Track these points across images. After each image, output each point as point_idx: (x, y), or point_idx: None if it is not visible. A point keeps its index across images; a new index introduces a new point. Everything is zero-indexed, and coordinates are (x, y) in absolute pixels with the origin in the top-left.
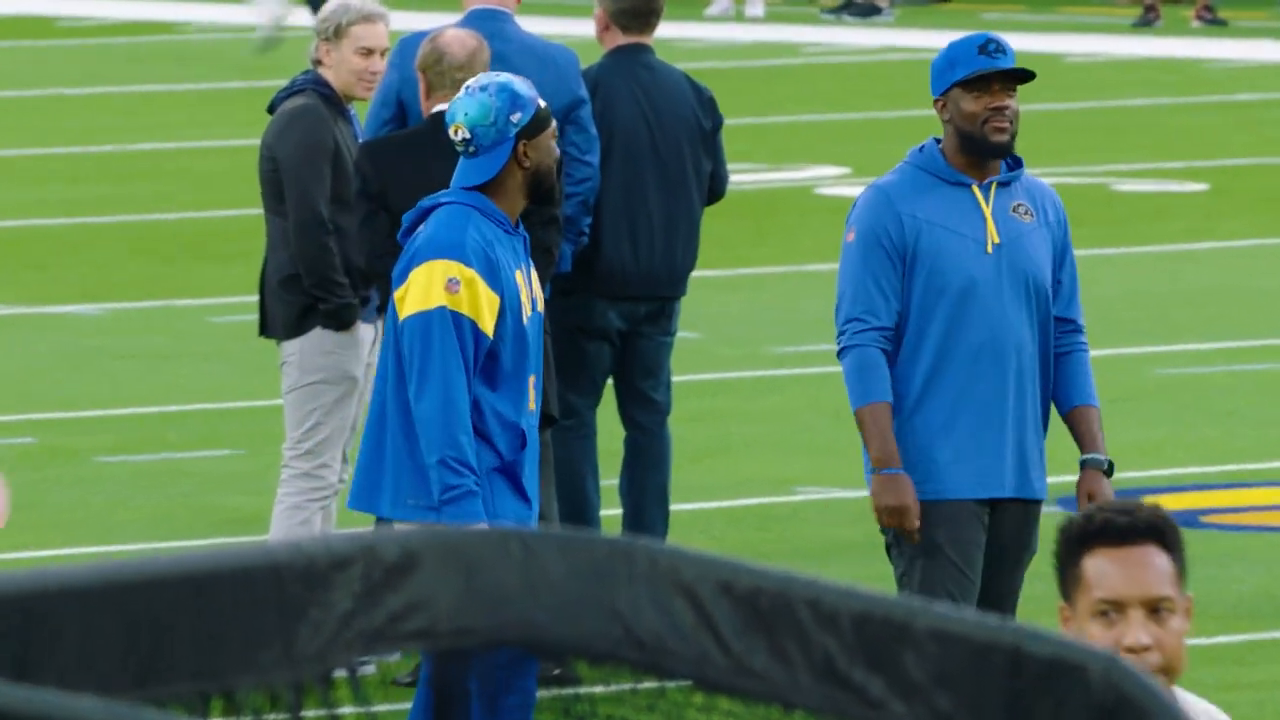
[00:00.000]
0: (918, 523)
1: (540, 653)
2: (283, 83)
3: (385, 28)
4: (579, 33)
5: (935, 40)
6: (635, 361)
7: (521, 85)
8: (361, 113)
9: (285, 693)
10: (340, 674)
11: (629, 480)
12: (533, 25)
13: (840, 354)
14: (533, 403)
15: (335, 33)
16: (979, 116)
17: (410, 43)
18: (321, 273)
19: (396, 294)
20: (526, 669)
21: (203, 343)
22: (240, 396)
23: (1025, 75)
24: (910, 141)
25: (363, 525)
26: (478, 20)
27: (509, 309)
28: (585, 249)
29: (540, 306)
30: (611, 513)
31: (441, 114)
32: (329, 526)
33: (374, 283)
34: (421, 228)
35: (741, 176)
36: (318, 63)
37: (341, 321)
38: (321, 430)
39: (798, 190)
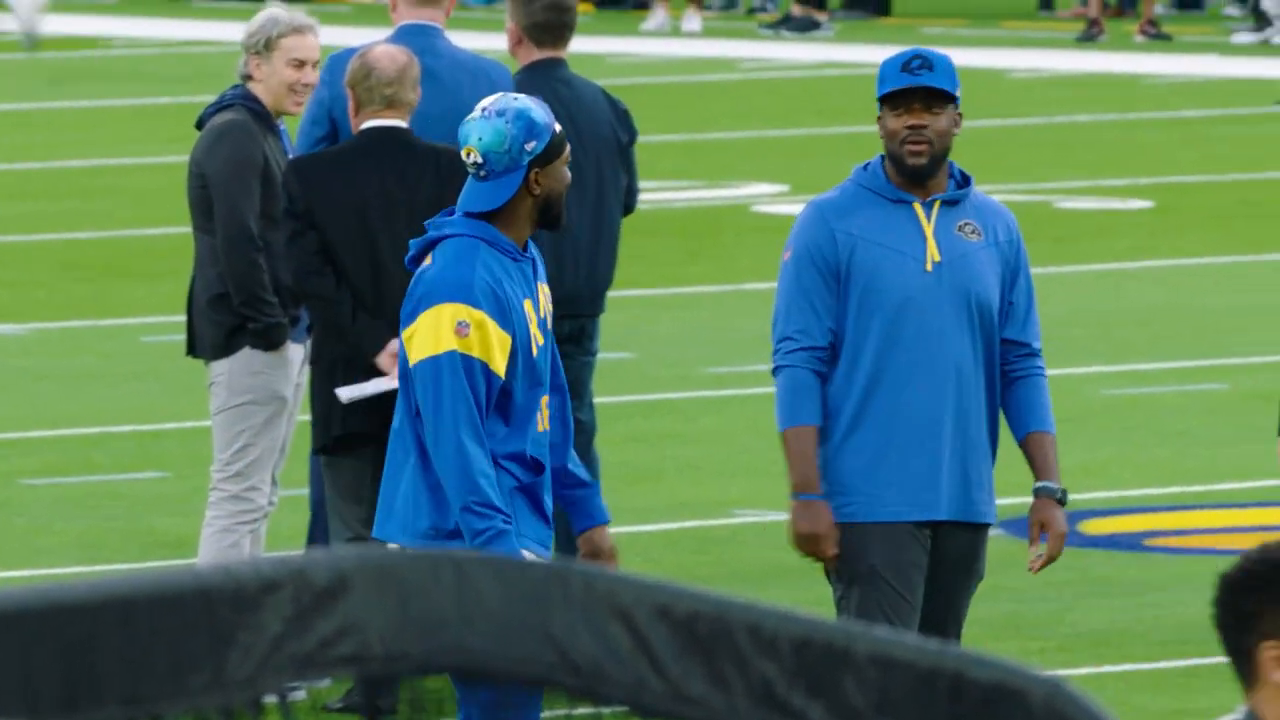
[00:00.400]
0: (834, 550)
1: (474, 678)
2: (211, 98)
3: (316, 39)
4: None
5: (874, 55)
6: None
7: (539, 112)
8: (291, 128)
9: (215, 718)
10: (270, 699)
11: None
12: (465, 40)
13: (774, 373)
14: (546, 423)
15: (265, 46)
16: (898, 135)
17: (340, 59)
18: (250, 290)
19: (404, 333)
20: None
21: (131, 363)
22: (169, 418)
23: (943, 95)
24: (849, 158)
25: (293, 547)
26: (408, 35)
27: (519, 346)
28: None
29: (550, 325)
30: None
31: (371, 130)
32: (258, 550)
33: (302, 302)
34: (428, 262)
35: (677, 194)
36: (247, 78)
37: (270, 341)
38: (251, 452)
39: (734, 208)
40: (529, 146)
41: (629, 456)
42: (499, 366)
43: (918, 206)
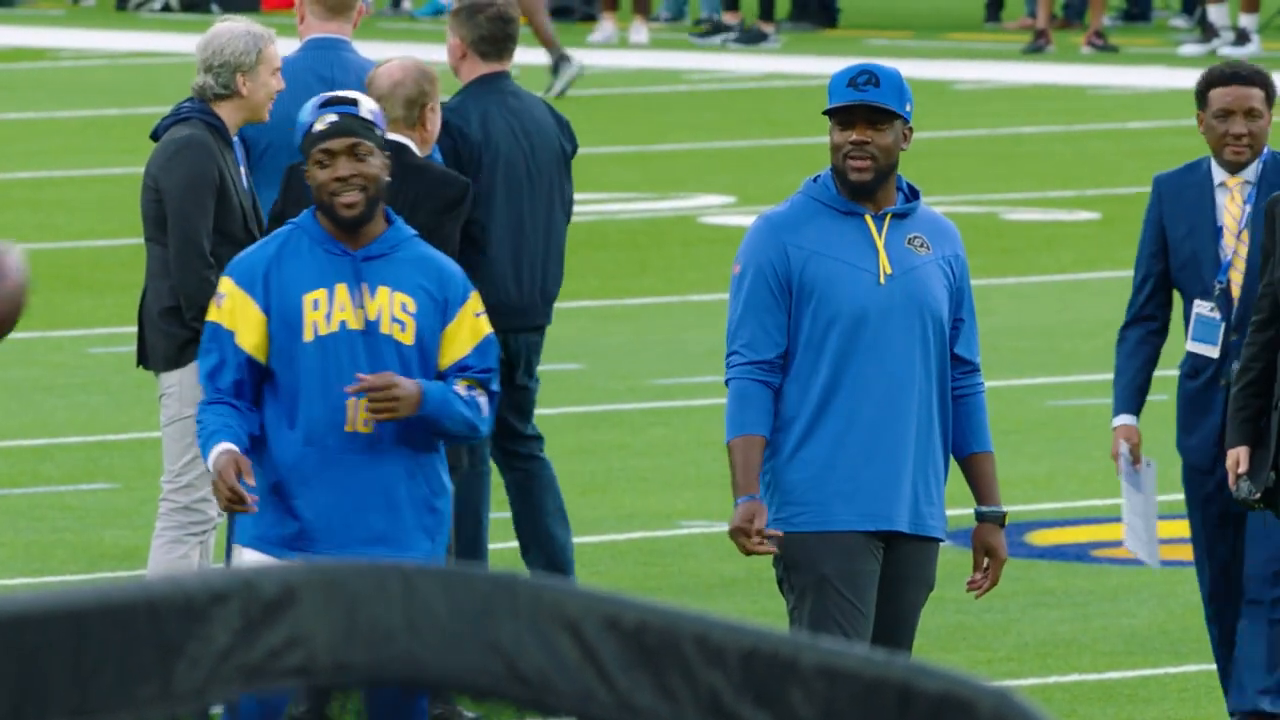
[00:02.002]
0: (760, 546)
1: (422, 689)
2: (161, 110)
3: None
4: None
5: (821, 67)
6: (511, 407)
7: (304, 109)
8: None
9: None
10: (218, 710)
11: (526, 510)
12: (411, 52)
13: (726, 385)
14: (357, 424)
15: (257, 60)
16: (841, 150)
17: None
18: (201, 304)
19: None
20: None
21: (80, 374)
22: (118, 429)
23: (884, 112)
24: (797, 169)
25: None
26: (315, 49)
27: (283, 324)
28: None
29: (394, 330)
30: (496, 547)
31: None
32: (207, 561)
33: None
34: None
35: (625, 205)
36: (219, 96)
37: None
38: (200, 463)
39: (682, 220)
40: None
41: (576, 467)
42: (243, 339)
43: (869, 220)
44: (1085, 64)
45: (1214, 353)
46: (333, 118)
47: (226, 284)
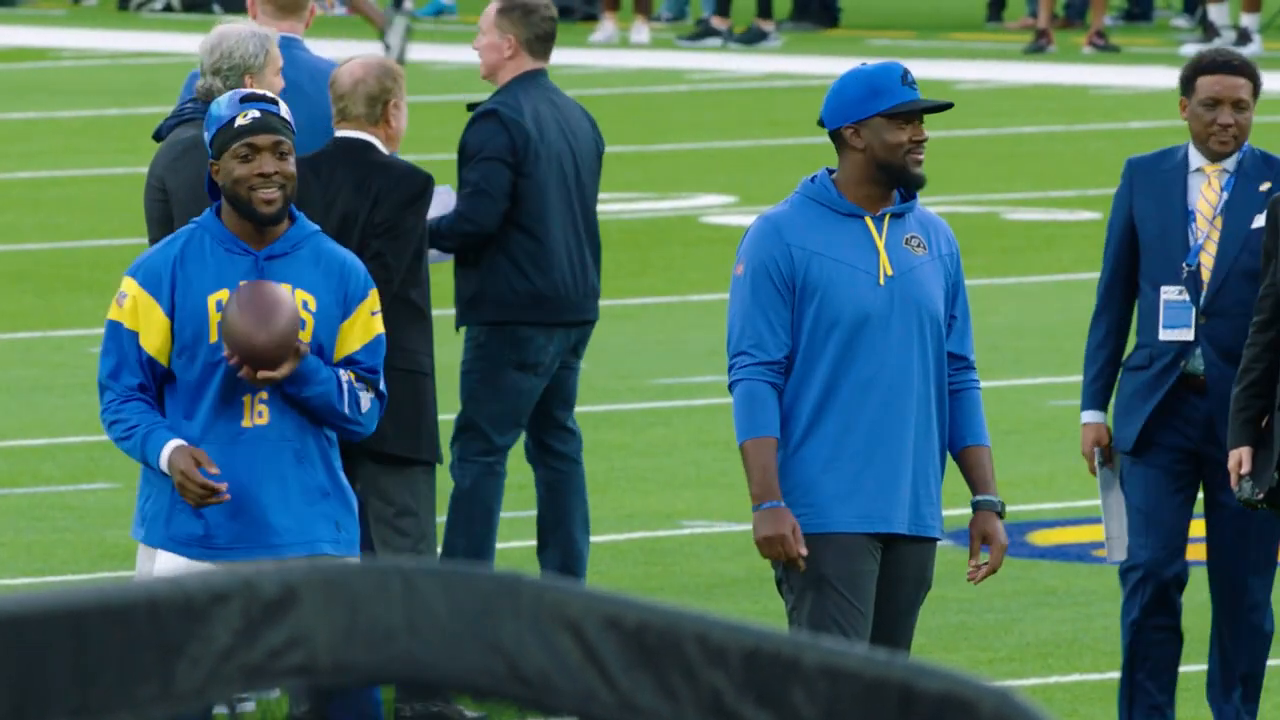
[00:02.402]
0: (800, 549)
1: (423, 689)
2: (163, 109)
3: None
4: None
5: (821, 67)
6: (556, 393)
7: (218, 103)
8: None
9: None
10: (220, 710)
11: (552, 512)
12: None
13: (730, 387)
14: (249, 419)
15: (266, 59)
16: (903, 148)
17: (196, 76)
18: None
19: None
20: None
21: (80, 374)
22: None
23: (944, 108)
24: (798, 169)
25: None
26: None
27: (190, 329)
28: (526, 277)
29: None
30: (505, 546)
31: (332, 139)
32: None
33: None
34: None
35: (626, 205)
36: None
37: None
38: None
39: (683, 219)
40: (205, 136)
41: None
42: (149, 342)
43: (869, 220)
44: (1087, 64)
45: (1189, 335)
46: (256, 113)
47: (130, 285)
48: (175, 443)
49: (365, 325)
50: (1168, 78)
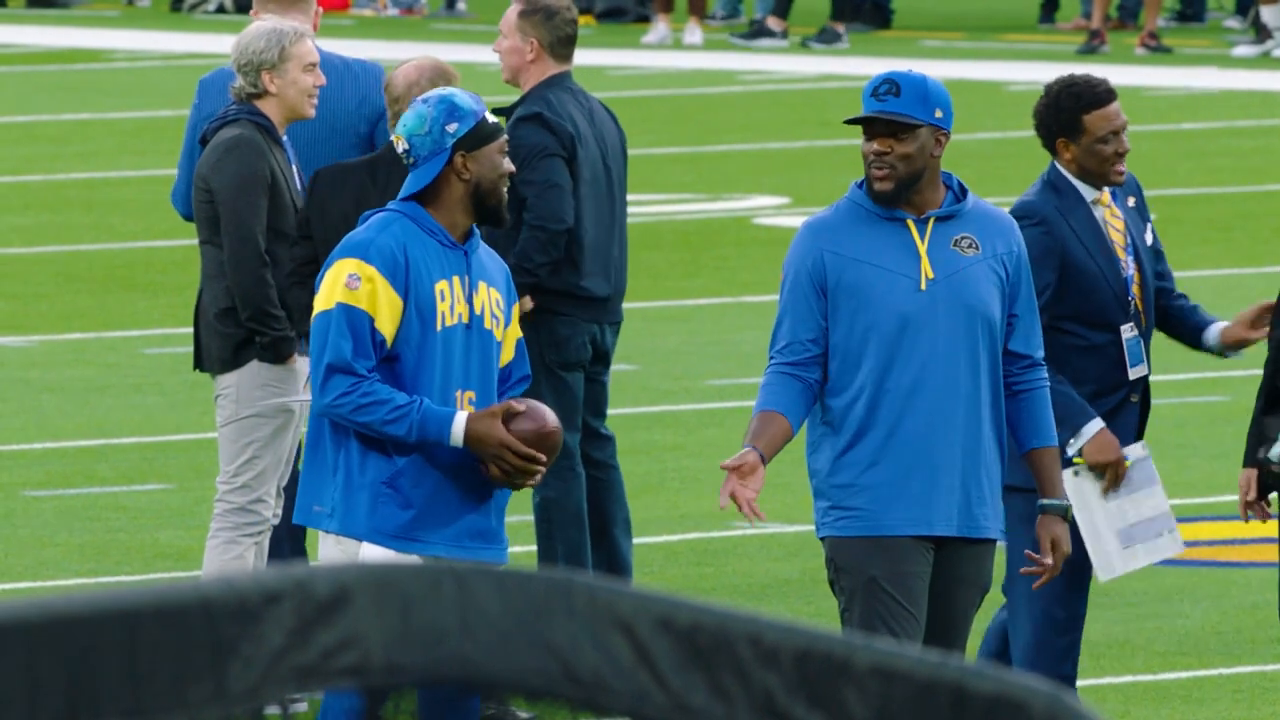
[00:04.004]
0: (749, 484)
1: (476, 690)
2: (214, 111)
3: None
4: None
5: (874, 68)
6: (590, 399)
7: (463, 97)
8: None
9: None
10: (272, 711)
11: (596, 519)
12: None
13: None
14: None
15: (280, 57)
16: (866, 159)
17: (208, 81)
18: (258, 305)
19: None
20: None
21: (135, 375)
22: (173, 430)
23: (894, 133)
24: (850, 171)
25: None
26: None
27: (417, 315)
28: (562, 278)
29: (491, 326)
30: (524, 549)
31: (388, 143)
32: (262, 562)
33: (285, 312)
34: None
35: (679, 207)
36: (252, 96)
37: (279, 354)
38: (257, 464)
39: (736, 220)
40: (450, 128)
41: (631, 468)
42: (384, 325)
43: (911, 224)
44: (1139, 65)
45: (1146, 370)
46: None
47: (363, 267)
48: (465, 412)
49: (516, 330)
50: (1220, 79)
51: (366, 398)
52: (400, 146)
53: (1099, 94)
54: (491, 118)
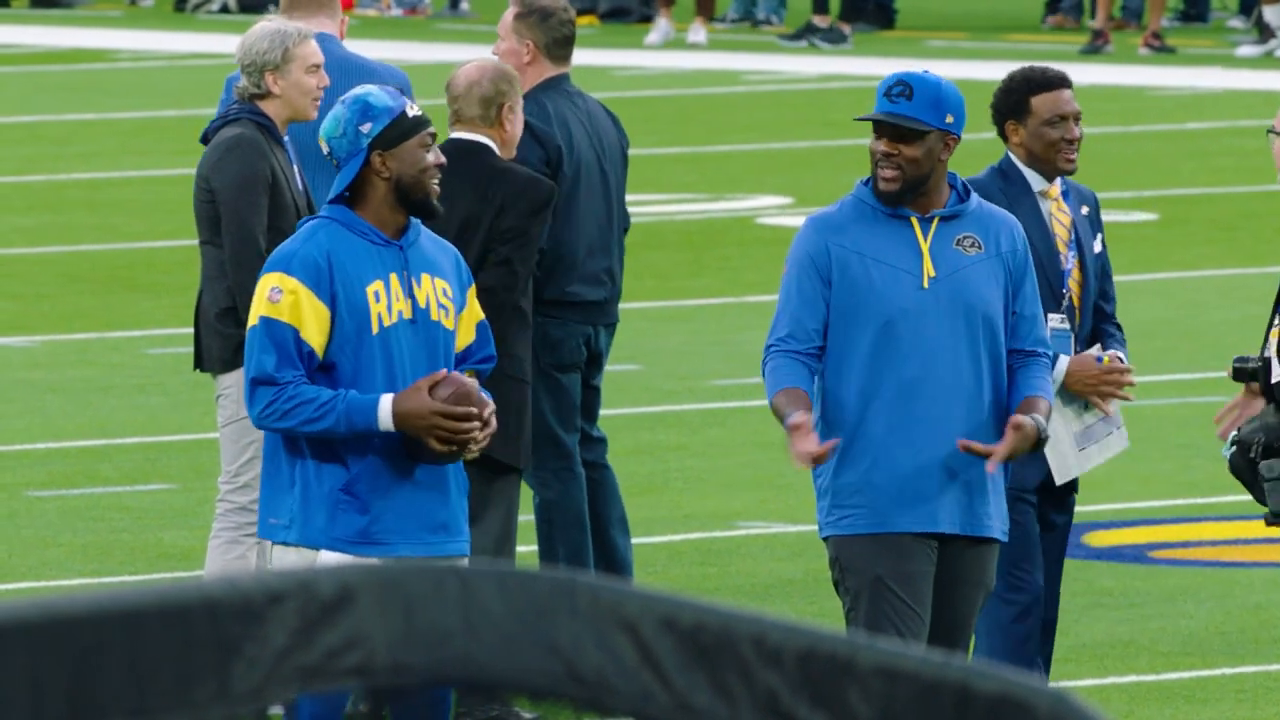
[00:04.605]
0: (811, 444)
1: (480, 690)
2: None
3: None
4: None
5: (877, 68)
6: (581, 400)
7: (378, 96)
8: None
9: None
10: (276, 711)
11: (591, 519)
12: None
13: (763, 373)
14: None
15: (284, 58)
16: (874, 157)
17: (235, 79)
18: None
19: None
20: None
21: (137, 375)
22: (175, 430)
23: (903, 136)
24: (853, 170)
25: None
26: None
27: (350, 320)
28: (555, 283)
29: (439, 316)
30: (527, 549)
31: (447, 141)
32: (265, 562)
33: None
34: None
35: (682, 206)
36: (255, 96)
37: None
38: (258, 464)
39: (739, 220)
40: (364, 129)
41: (634, 468)
42: (310, 335)
43: (915, 222)
44: (1143, 65)
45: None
46: (417, 107)
47: (285, 279)
48: (389, 395)
49: (475, 311)
50: (1223, 79)
51: (290, 402)
52: (324, 150)
53: (1049, 78)
54: (414, 112)
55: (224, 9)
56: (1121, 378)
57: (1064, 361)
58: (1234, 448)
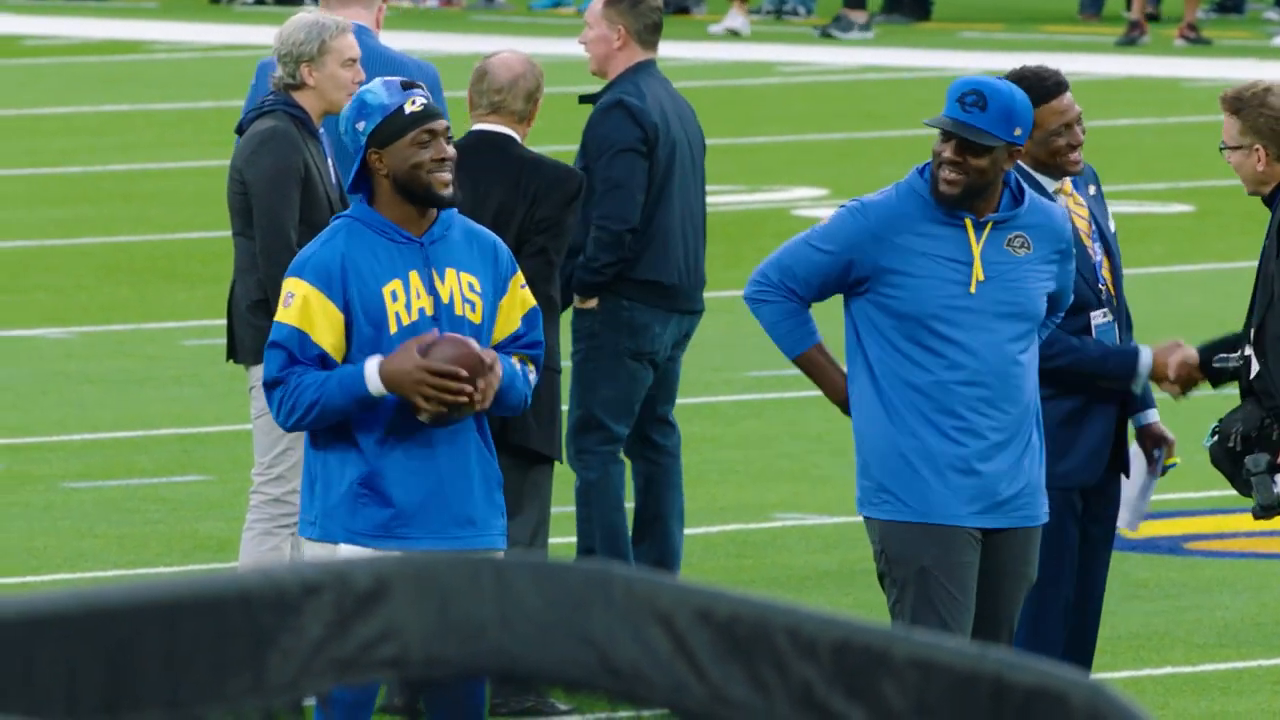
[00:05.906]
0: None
1: (515, 681)
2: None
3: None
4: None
5: (913, 60)
6: (661, 385)
7: (376, 92)
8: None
9: None
10: (311, 702)
11: (649, 505)
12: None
13: (751, 299)
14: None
15: (320, 50)
16: (937, 158)
17: (267, 65)
18: None
19: None
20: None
21: (173, 366)
22: (211, 421)
23: (972, 146)
24: (889, 162)
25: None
26: None
27: (366, 322)
28: (645, 265)
29: (464, 311)
30: (564, 539)
31: (472, 133)
32: (299, 553)
33: None
34: None
35: (719, 198)
36: (290, 87)
37: None
38: (292, 455)
39: (775, 212)
40: (360, 126)
41: None
42: (322, 339)
43: (969, 223)
44: (1178, 56)
45: None
46: (423, 99)
47: (299, 284)
48: (376, 356)
49: (522, 299)
50: (1259, 70)
51: (295, 393)
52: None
53: (1048, 87)
54: (413, 108)
55: (259, 0)
56: (1194, 372)
57: (1146, 353)
58: (1214, 438)
